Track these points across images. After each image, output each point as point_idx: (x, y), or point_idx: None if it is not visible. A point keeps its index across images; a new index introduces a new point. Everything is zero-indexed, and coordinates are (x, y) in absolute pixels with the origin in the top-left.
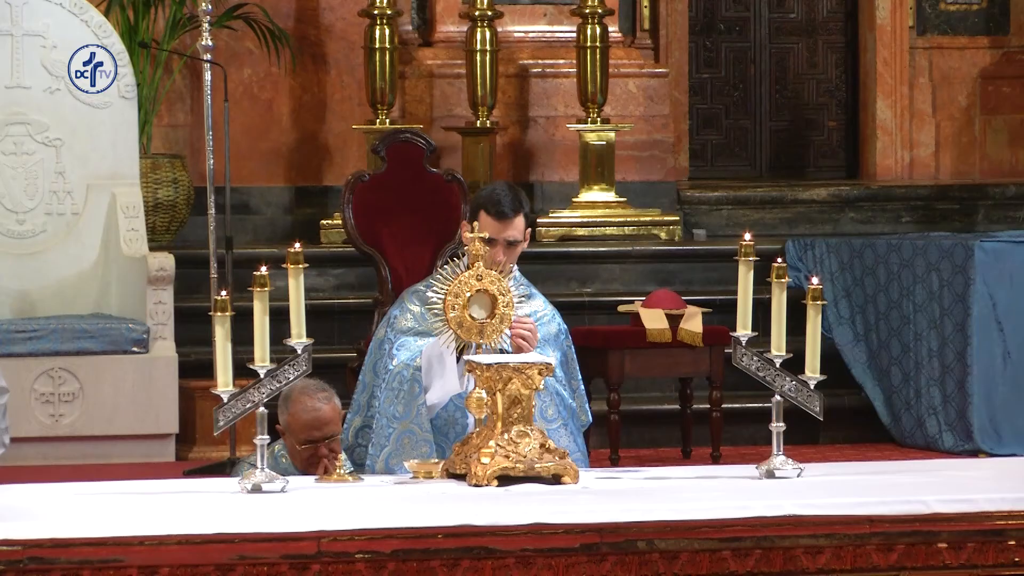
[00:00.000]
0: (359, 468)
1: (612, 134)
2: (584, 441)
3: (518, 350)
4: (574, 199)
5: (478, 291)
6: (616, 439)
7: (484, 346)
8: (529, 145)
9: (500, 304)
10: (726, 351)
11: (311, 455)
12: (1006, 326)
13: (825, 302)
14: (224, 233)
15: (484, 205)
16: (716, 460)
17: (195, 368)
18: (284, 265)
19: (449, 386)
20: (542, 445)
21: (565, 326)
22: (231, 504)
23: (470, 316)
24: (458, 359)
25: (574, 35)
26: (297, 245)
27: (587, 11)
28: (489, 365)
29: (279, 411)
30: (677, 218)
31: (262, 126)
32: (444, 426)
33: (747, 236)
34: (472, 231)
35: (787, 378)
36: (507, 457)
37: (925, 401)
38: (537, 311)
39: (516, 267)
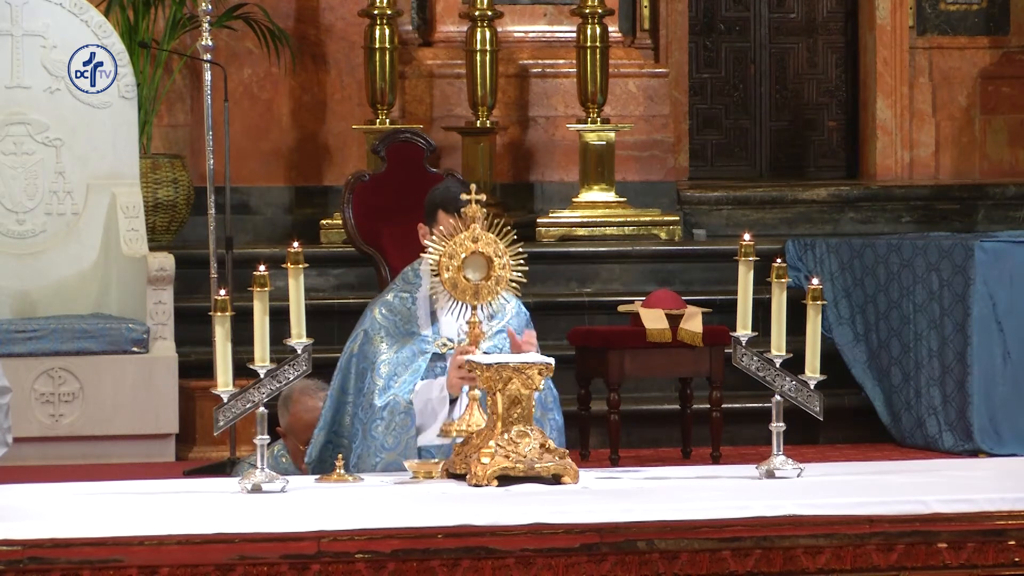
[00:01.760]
0: None
1: (612, 134)
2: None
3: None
4: (574, 199)
5: (474, 253)
6: (616, 439)
7: (479, 307)
8: (529, 145)
9: (496, 266)
10: (726, 351)
11: None
12: (1006, 326)
13: (825, 302)
14: (224, 233)
15: (442, 204)
16: (716, 460)
17: (195, 368)
18: (284, 265)
19: (438, 440)
20: (542, 445)
21: (527, 312)
22: (231, 504)
23: (465, 278)
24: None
25: (574, 35)
26: (296, 245)
27: (587, 11)
28: (489, 365)
29: (279, 413)
30: (677, 218)
31: (262, 126)
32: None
33: (747, 236)
34: (431, 233)
35: (787, 378)
36: (507, 457)
37: (925, 401)
38: (504, 304)
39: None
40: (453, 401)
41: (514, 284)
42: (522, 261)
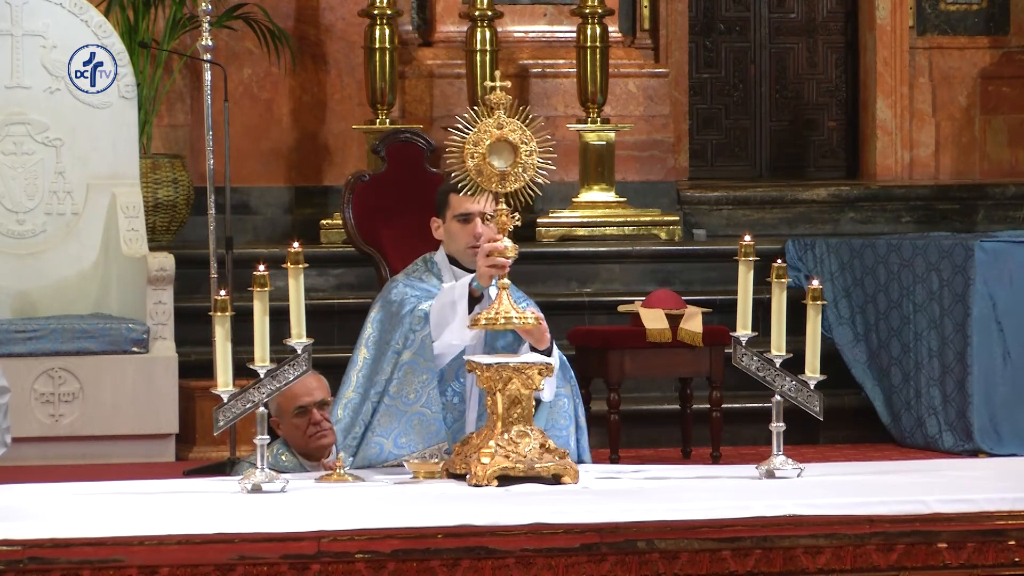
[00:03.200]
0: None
1: (612, 134)
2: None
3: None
4: (574, 199)
5: (498, 140)
6: (616, 439)
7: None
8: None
9: (522, 153)
10: (726, 351)
11: (307, 426)
12: (1006, 326)
13: (825, 302)
14: (224, 233)
15: (451, 190)
16: (716, 460)
17: (195, 368)
18: (284, 265)
19: (457, 336)
20: (542, 445)
21: (540, 312)
22: (231, 504)
23: (490, 164)
24: (469, 309)
25: (574, 35)
26: (296, 245)
27: (587, 11)
28: (489, 365)
29: (270, 410)
30: (677, 218)
31: (262, 126)
32: (442, 409)
33: (747, 237)
34: (440, 226)
35: (787, 378)
36: (507, 457)
37: (925, 401)
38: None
39: None
40: (479, 300)
41: (541, 171)
42: (550, 149)
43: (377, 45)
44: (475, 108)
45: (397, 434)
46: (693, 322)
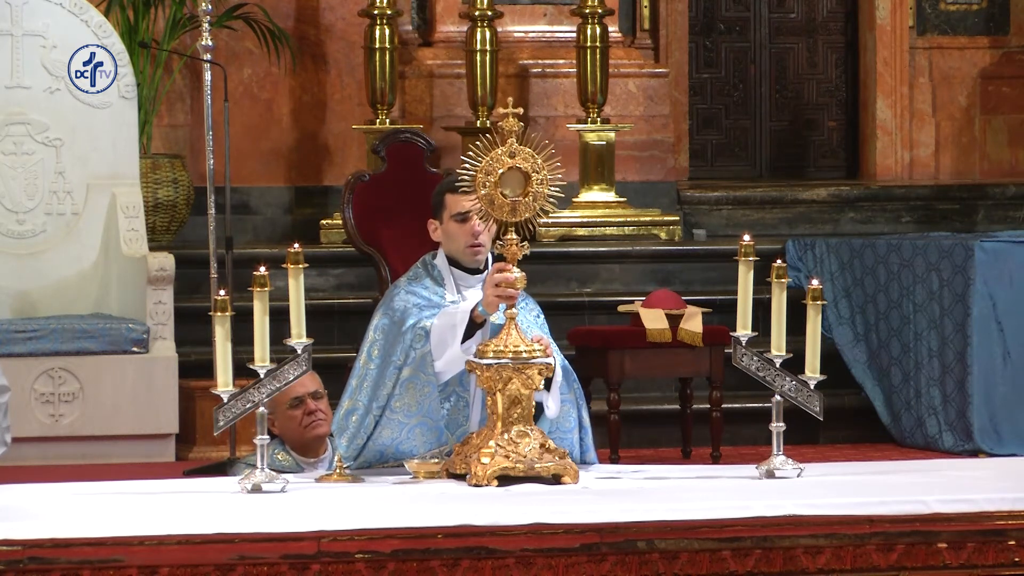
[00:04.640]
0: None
1: (612, 134)
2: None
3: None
4: (574, 199)
5: (511, 168)
6: (616, 439)
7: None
8: (529, 145)
9: (533, 182)
10: (726, 351)
11: (302, 416)
12: (1006, 326)
13: (825, 302)
14: (224, 233)
15: (446, 190)
16: (716, 460)
17: (195, 368)
18: (284, 265)
19: (456, 361)
20: (542, 445)
21: (543, 316)
22: (231, 504)
23: (502, 194)
24: (467, 336)
25: (574, 35)
26: (296, 245)
27: (587, 11)
28: (489, 365)
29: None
30: (677, 218)
31: (262, 126)
32: (445, 415)
33: (747, 237)
34: (437, 228)
35: (787, 378)
36: (507, 457)
37: (925, 401)
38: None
39: (492, 255)
40: (481, 325)
41: (551, 200)
42: (560, 176)
43: (377, 45)
44: (487, 136)
45: (399, 442)
46: (693, 322)
